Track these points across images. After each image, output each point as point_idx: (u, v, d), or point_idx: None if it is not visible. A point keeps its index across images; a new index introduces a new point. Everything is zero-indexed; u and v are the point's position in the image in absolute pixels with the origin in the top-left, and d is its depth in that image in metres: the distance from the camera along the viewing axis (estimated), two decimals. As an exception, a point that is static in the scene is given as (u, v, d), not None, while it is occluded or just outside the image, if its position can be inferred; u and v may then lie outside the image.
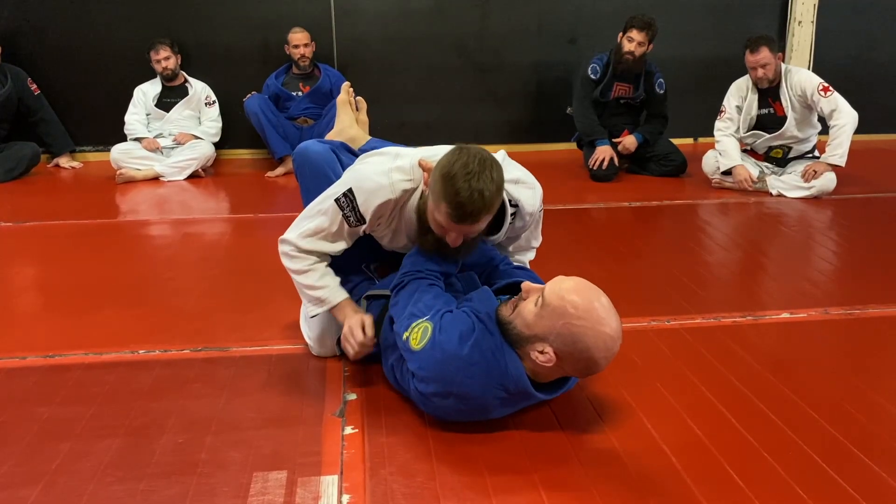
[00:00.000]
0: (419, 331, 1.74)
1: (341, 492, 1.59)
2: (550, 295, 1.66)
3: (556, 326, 1.64)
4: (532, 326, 1.68)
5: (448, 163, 1.74)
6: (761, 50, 4.22)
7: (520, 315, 1.71)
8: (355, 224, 1.97)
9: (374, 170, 1.96)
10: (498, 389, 1.70)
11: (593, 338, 1.63)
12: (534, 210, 2.10)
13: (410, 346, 1.75)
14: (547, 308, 1.65)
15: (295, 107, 5.12)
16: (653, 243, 3.60)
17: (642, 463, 1.67)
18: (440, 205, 1.76)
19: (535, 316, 1.67)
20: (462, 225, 1.78)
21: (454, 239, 1.84)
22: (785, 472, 1.64)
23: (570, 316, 1.63)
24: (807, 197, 4.17)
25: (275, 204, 4.31)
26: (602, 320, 1.64)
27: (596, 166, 4.64)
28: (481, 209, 1.74)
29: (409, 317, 1.80)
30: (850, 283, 2.89)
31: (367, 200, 1.93)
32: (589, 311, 1.63)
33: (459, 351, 1.68)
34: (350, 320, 1.99)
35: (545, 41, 5.57)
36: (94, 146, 5.44)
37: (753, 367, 2.14)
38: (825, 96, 4.18)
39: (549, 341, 1.65)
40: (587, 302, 1.64)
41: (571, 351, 1.65)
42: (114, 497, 1.57)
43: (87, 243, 3.49)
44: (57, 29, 5.25)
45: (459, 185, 1.70)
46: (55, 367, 2.18)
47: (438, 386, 1.72)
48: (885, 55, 5.94)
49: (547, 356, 1.66)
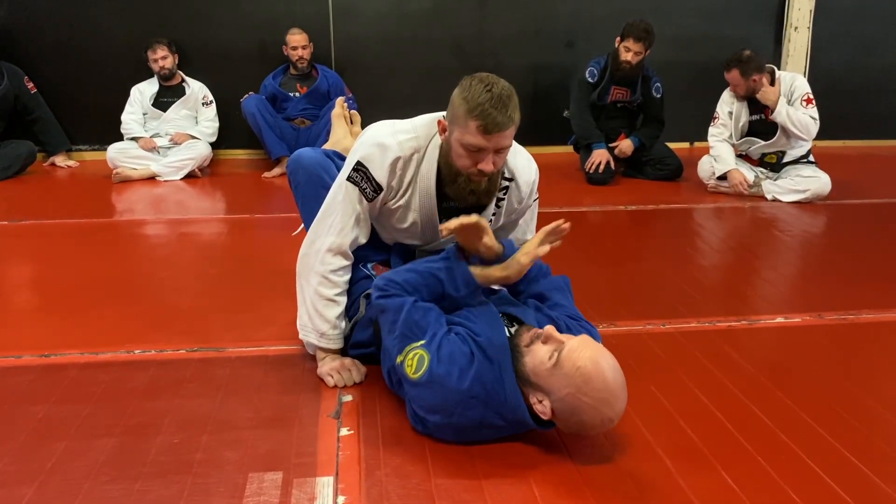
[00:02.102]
0: (414, 359, 1.71)
1: (337, 493, 1.59)
2: (566, 360, 1.61)
3: (562, 392, 1.61)
4: (539, 377, 1.65)
5: (464, 86, 1.84)
6: (732, 71, 4.30)
7: (532, 357, 1.67)
8: (373, 195, 1.98)
9: (377, 135, 2.00)
10: (495, 417, 1.70)
11: (592, 415, 1.60)
12: (531, 176, 2.10)
13: (406, 373, 1.72)
14: (559, 370, 1.61)
15: (292, 107, 5.12)
16: (648, 247, 3.61)
17: (637, 466, 1.68)
18: (468, 123, 1.81)
19: (546, 370, 1.63)
20: (493, 136, 1.80)
21: (488, 161, 1.85)
22: (779, 475, 1.64)
23: (578, 389, 1.59)
24: (801, 202, 4.19)
25: (271, 204, 4.31)
26: (607, 402, 1.60)
27: (592, 169, 4.65)
28: (509, 108, 1.80)
29: (401, 338, 1.76)
30: (844, 287, 2.90)
31: (378, 164, 1.96)
32: (598, 391, 1.59)
33: (460, 385, 1.66)
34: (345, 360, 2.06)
35: (543, 44, 5.58)
36: (91, 145, 5.43)
37: (748, 371, 2.15)
38: (806, 107, 4.22)
39: (550, 398, 1.64)
40: (599, 380, 1.59)
41: (568, 417, 1.63)
42: (109, 496, 1.57)
43: (82, 242, 3.48)
44: (54, 27, 5.24)
45: (482, 96, 1.78)
46: (50, 367, 2.17)
47: (438, 417, 1.71)
48: (881, 61, 5.97)
49: (543, 408, 1.65)
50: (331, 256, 2.01)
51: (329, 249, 2.01)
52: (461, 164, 1.89)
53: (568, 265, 2.01)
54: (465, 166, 1.89)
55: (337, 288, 2.04)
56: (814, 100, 4.23)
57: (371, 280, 2.14)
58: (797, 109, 4.21)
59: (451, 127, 1.89)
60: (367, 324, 2.06)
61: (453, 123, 1.87)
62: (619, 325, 2.47)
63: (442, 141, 1.96)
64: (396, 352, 1.77)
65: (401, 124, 2.03)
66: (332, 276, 2.02)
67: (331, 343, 2.06)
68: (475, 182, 1.92)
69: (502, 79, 1.86)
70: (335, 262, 2.02)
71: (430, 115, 2.03)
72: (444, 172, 1.97)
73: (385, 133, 2.00)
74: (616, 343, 2.29)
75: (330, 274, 2.02)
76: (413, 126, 2.01)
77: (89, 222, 3.83)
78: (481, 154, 1.85)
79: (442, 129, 1.94)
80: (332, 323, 2.05)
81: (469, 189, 1.93)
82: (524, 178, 2.09)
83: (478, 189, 1.93)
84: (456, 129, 1.86)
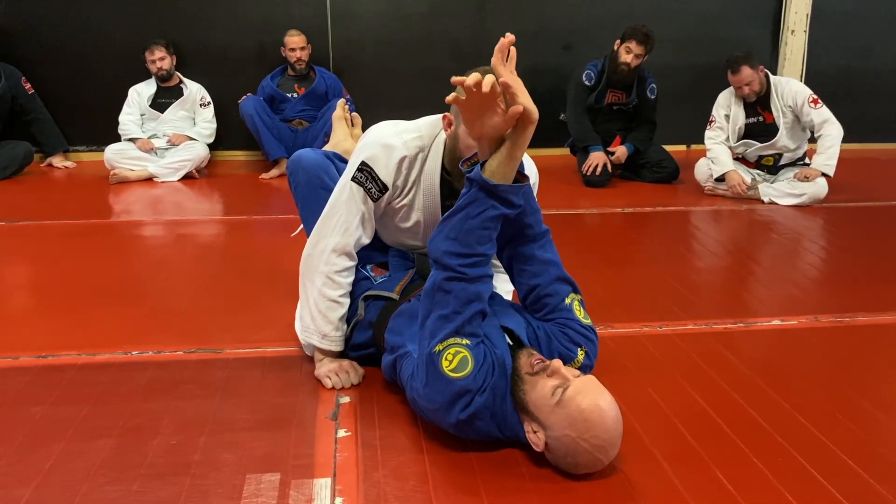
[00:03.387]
0: (457, 357, 1.65)
1: (334, 494, 1.59)
2: (570, 401, 1.57)
3: (561, 431, 1.58)
4: (539, 410, 1.62)
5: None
6: (742, 70, 4.28)
7: (534, 388, 1.64)
8: (378, 195, 1.98)
9: (381, 136, 2.00)
10: (493, 430, 1.70)
11: (586, 459, 1.59)
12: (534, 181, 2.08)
13: (440, 364, 1.65)
14: (562, 409, 1.58)
15: (290, 109, 5.12)
16: (645, 249, 3.62)
17: (633, 467, 1.68)
18: None
19: (548, 407, 1.60)
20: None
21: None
22: (774, 477, 1.65)
23: (578, 432, 1.56)
24: (798, 205, 4.20)
25: (269, 206, 4.31)
26: (605, 449, 1.58)
27: (589, 172, 4.66)
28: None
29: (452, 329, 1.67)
30: (841, 290, 2.91)
31: (384, 164, 1.96)
32: (598, 438, 1.56)
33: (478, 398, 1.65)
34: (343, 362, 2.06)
35: (540, 47, 5.59)
36: (88, 146, 5.43)
37: (744, 373, 2.16)
38: (815, 108, 4.23)
39: (546, 433, 1.62)
40: (601, 428, 1.56)
41: (562, 455, 1.61)
42: (107, 498, 1.57)
43: (80, 243, 3.48)
44: (51, 28, 5.24)
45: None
46: (48, 368, 2.17)
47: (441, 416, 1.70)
48: (878, 64, 5.99)
49: (537, 440, 1.63)
50: (335, 257, 2.01)
51: (334, 250, 2.01)
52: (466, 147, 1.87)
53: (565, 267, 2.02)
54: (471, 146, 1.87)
55: (341, 289, 2.04)
56: (818, 98, 4.25)
57: (370, 281, 2.14)
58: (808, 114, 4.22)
59: (456, 119, 1.89)
60: (367, 326, 2.06)
61: (458, 115, 1.86)
62: (615, 326, 2.47)
63: (447, 136, 1.96)
64: (438, 338, 1.66)
65: (404, 124, 2.04)
66: (336, 278, 2.02)
67: (332, 345, 2.06)
68: None
69: None
70: (340, 263, 2.02)
71: (433, 116, 2.03)
72: (451, 168, 1.97)
73: (389, 133, 2.00)
74: (613, 345, 2.31)
75: (334, 275, 2.02)
76: (417, 126, 2.02)
77: (87, 223, 3.82)
78: None
79: (448, 123, 1.94)
80: (335, 325, 2.05)
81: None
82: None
83: None
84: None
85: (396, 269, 2.17)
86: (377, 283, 2.13)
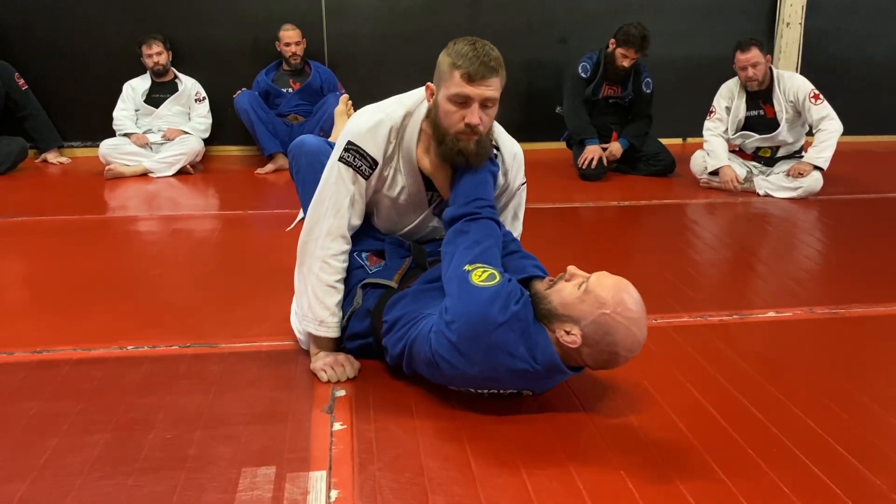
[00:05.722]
0: (486, 274, 1.77)
1: (330, 487, 1.59)
2: (597, 286, 1.73)
3: (595, 314, 1.70)
4: (569, 307, 1.73)
5: (449, 46, 1.90)
6: (752, 49, 4.26)
7: (558, 293, 1.77)
8: (369, 171, 2.01)
9: (364, 116, 2.05)
10: (525, 354, 1.72)
11: (624, 335, 1.70)
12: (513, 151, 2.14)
13: (471, 279, 1.76)
14: (590, 294, 1.72)
15: (285, 103, 5.12)
16: (641, 242, 3.62)
17: (629, 460, 1.68)
18: (452, 75, 1.85)
19: (576, 298, 1.73)
20: (478, 84, 1.84)
21: (473, 112, 1.87)
22: (769, 469, 1.65)
23: (613, 309, 1.69)
24: (793, 197, 4.20)
25: (264, 201, 4.31)
26: (638, 323, 1.71)
27: (585, 165, 4.66)
28: (493, 59, 1.84)
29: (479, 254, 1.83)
30: (836, 282, 2.92)
31: (370, 139, 2.00)
32: (631, 311, 1.70)
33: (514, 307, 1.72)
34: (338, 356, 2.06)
35: (535, 40, 5.58)
36: (83, 142, 5.41)
37: (739, 365, 2.16)
38: (815, 104, 4.23)
39: (580, 325, 1.71)
40: (633, 303, 1.71)
41: (600, 340, 1.71)
42: (102, 492, 1.57)
43: (75, 239, 3.47)
44: (45, 23, 5.22)
45: (466, 48, 1.85)
46: (43, 363, 2.17)
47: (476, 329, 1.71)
48: (873, 57, 5.99)
49: (573, 338, 1.72)
50: (330, 241, 2.02)
51: (328, 233, 2.02)
52: (448, 122, 1.91)
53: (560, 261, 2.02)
54: (452, 123, 1.91)
55: (337, 274, 2.05)
56: (819, 93, 4.25)
57: (365, 270, 2.14)
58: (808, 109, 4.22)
59: (437, 88, 1.93)
60: (364, 315, 2.06)
61: (439, 82, 1.92)
62: (611, 319, 2.47)
63: (430, 105, 1.99)
64: (466, 260, 1.81)
65: (384, 102, 2.09)
66: (332, 261, 2.03)
67: (329, 331, 2.05)
68: (463, 141, 1.92)
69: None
70: (335, 247, 2.03)
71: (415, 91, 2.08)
72: (434, 135, 1.99)
73: (371, 111, 2.06)
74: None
75: (330, 258, 2.03)
76: (398, 98, 2.08)
77: (81, 219, 3.82)
78: (467, 105, 1.87)
79: (430, 93, 1.97)
80: (332, 311, 2.05)
81: (457, 149, 1.93)
82: (508, 149, 2.12)
83: (466, 149, 1.93)
84: (442, 86, 1.90)
85: (392, 257, 2.16)
86: (373, 272, 2.13)
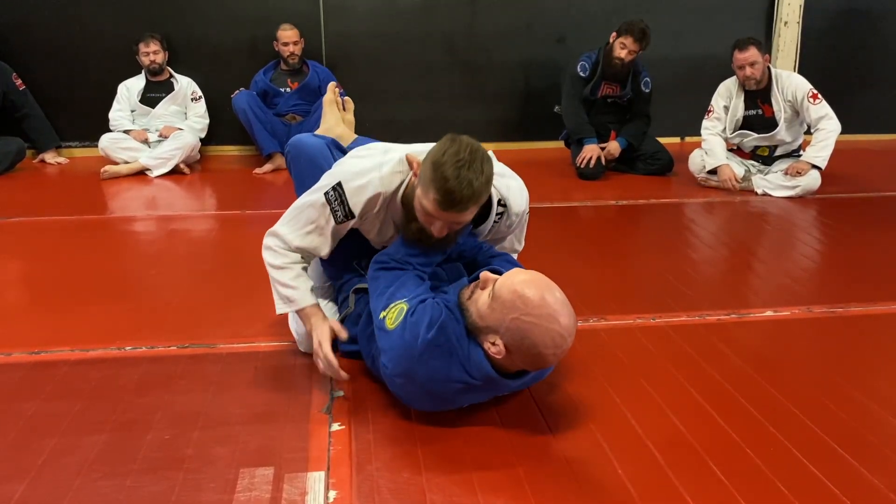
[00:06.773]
0: (395, 311, 1.75)
1: (328, 488, 1.59)
2: (501, 288, 1.67)
3: (506, 320, 1.64)
4: (484, 318, 1.69)
5: (439, 151, 1.75)
6: (749, 48, 4.26)
7: (475, 304, 1.72)
8: (342, 219, 1.96)
9: (365, 164, 1.97)
10: (461, 373, 1.71)
11: (541, 335, 1.62)
12: (521, 207, 2.11)
13: (385, 326, 1.76)
14: (497, 301, 1.66)
15: (283, 103, 5.11)
16: (639, 241, 3.62)
17: (626, 459, 1.69)
18: (428, 192, 1.76)
19: (488, 307, 1.68)
20: (449, 213, 1.77)
21: (439, 228, 1.83)
22: (767, 468, 1.66)
23: (520, 311, 1.62)
24: (792, 196, 4.21)
25: (262, 200, 4.30)
26: (551, 317, 1.62)
27: (583, 164, 4.66)
28: (469, 197, 1.74)
29: (389, 297, 1.81)
30: (834, 281, 2.92)
31: (356, 194, 1.93)
32: (539, 307, 1.62)
33: (426, 334, 1.68)
34: (318, 331, 1.96)
35: (534, 40, 5.58)
36: (80, 142, 5.40)
37: (737, 364, 2.16)
38: (814, 103, 4.23)
39: (500, 334, 1.66)
40: (538, 298, 1.63)
41: (520, 346, 1.65)
42: (100, 493, 1.57)
43: (72, 239, 3.47)
44: (43, 24, 5.20)
45: (449, 173, 1.71)
46: (41, 364, 2.17)
47: (404, 367, 1.73)
48: (870, 56, 5.99)
49: (497, 348, 1.67)
50: (277, 240, 2.02)
51: (286, 243, 2.01)
52: (418, 216, 1.87)
53: (559, 260, 2.02)
54: (421, 220, 1.87)
55: (286, 257, 2.02)
56: (818, 93, 4.25)
57: (361, 277, 2.14)
58: (807, 108, 4.23)
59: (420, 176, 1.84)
60: (357, 319, 2.06)
61: (421, 178, 1.81)
62: (609, 319, 2.48)
63: (411, 181, 1.93)
64: (381, 308, 1.80)
65: (392, 154, 1.99)
66: (277, 249, 2.03)
67: (298, 304, 2.01)
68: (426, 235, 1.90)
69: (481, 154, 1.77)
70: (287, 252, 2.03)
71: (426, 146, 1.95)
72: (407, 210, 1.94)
73: (373, 164, 1.96)
74: (606, 336, 2.32)
75: (275, 247, 2.03)
76: (401, 160, 1.96)
77: (79, 219, 3.81)
78: (434, 221, 1.83)
79: (415, 170, 1.90)
80: (292, 285, 2.01)
81: (426, 235, 1.90)
82: (515, 210, 2.08)
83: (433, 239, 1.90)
84: (420, 186, 1.81)
85: None
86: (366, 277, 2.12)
